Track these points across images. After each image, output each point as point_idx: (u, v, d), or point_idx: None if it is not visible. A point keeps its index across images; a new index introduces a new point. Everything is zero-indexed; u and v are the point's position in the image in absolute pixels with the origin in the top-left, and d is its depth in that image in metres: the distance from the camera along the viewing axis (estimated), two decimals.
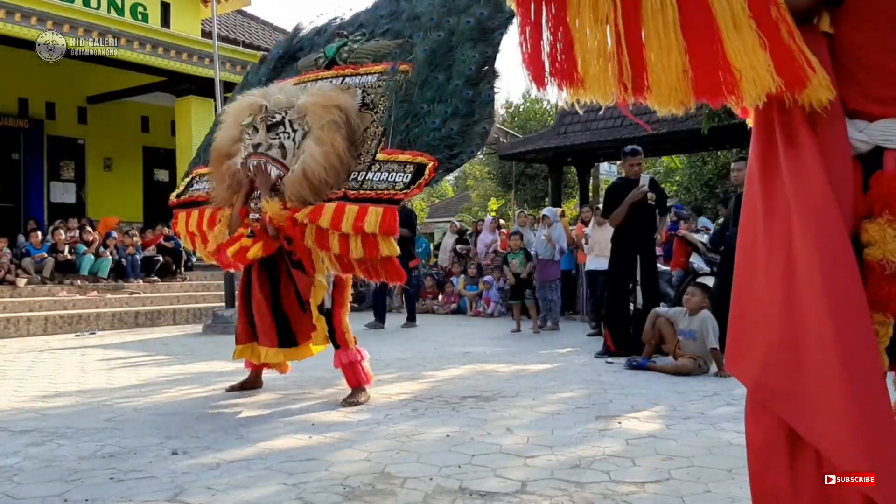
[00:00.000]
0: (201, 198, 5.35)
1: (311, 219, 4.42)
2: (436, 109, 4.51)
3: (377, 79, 4.92)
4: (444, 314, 12.45)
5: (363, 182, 4.46)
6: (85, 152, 14.33)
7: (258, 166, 4.63)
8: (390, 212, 4.26)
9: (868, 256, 1.54)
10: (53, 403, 4.82)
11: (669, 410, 4.47)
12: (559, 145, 14.97)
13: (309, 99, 4.68)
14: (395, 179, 4.36)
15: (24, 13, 10.31)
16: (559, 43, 1.78)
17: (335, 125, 4.57)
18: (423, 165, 4.34)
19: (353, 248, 4.33)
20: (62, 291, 10.53)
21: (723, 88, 1.76)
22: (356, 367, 4.87)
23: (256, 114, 4.76)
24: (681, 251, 9.05)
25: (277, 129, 4.66)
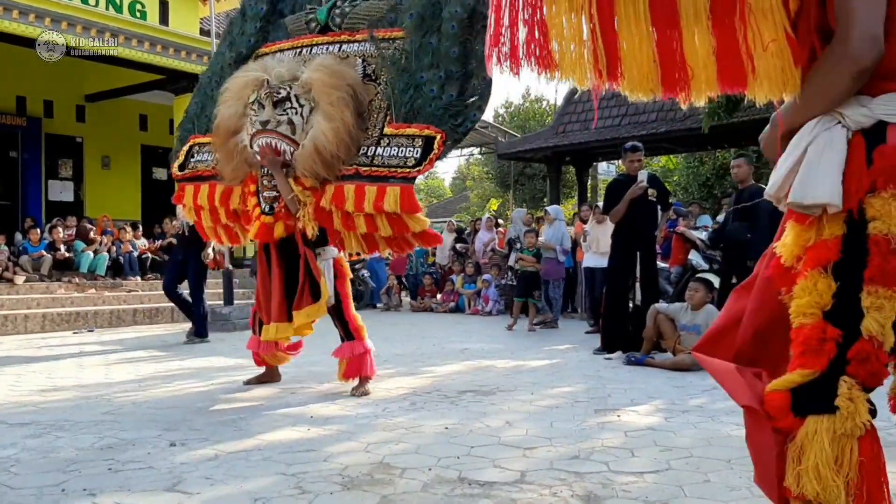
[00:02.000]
0: (206, 172, 5.31)
1: (336, 204, 4.50)
2: (431, 76, 4.48)
3: (375, 46, 4.87)
4: (443, 312, 12.44)
5: (373, 157, 4.52)
6: (83, 150, 14.30)
7: (269, 144, 4.65)
8: (407, 190, 4.35)
9: (873, 230, 1.54)
10: (51, 398, 4.80)
11: (668, 404, 4.46)
12: (558, 144, 14.98)
13: (314, 74, 4.65)
14: (405, 155, 4.42)
15: (22, 10, 10.28)
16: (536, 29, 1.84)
17: (344, 100, 4.58)
18: (431, 138, 4.39)
19: (380, 227, 4.43)
20: (60, 289, 10.51)
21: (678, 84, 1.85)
22: (364, 359, 4.89)
23: (259, 89, 4.74)
24: (679, 248, 9.06)
25: (284, 105, 4.65)
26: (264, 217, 4.77)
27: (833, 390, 1.56)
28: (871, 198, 1.55)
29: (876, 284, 1.53)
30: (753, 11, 1.77)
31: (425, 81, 4.50)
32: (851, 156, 1.59)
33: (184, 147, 5.59)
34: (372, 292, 13.61)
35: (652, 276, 6.99)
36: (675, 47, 1.82)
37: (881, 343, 1.54)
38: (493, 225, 13.54)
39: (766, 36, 1.77)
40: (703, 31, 1.78)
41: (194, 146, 5.52)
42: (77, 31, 10.82)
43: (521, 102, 31.14)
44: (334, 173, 4.56)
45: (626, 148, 7.09)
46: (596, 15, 1.77)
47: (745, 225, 6.76)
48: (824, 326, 1.57)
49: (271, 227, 4.76)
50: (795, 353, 1.61)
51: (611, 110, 14.71)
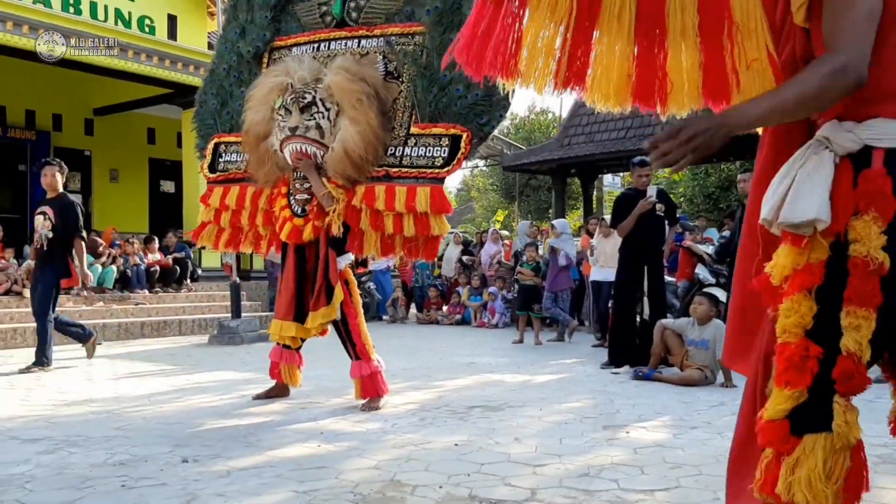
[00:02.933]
0: (237, 174, 5.42)
1: (367, 203, 4.62)
2: (457, 76, 4.56)
3: (395, 42, 4.93)
4: (449, 325, 12.45)
5: (402, 158, 4.67)
6: (91, 164, 14.41)
7: (299, 150, 4.74)
8: (438, 191, 4.50)
9: (853, 252, 1.59)
10: (62, 412, 4.83)
11: (676, 420, 4.48)
12: (563, 157, 15.02)
13: (334, 77, 4.73)
14: (433, 154, 4.57)
15: (32, 25, 10.38)
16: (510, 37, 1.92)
17: (366, 102, 4.68)
18: (457, 137, 4.54)
19: (406, 227, 4.53)
20: (68, 302, 10.55)
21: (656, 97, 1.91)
22: (376, 379, 4.93)
23: (284, 93, 4.82)
24: (686, 262, 9.07)
25: (311, 110, 4.74)
26: (296, 219, 4.86)
27: (826, 409, 1.62)
28: (854, 220, 1.60)
29: (854, 304, 1.59)
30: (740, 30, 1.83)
31: (450, 80, 4.60)
32: (838, 180, 1.64)
33: (208, 145, 5.66)
34: (378, 304, 13.64)
35: (660, 291, 7.00)
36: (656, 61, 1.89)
37: (860, 358, 1.60)
38: (498, 237, 13.57)
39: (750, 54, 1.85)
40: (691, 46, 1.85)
41: (220, 145, 5.62)
42: (87, 46, 10.91)
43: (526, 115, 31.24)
44: (364, 174, 4.70)
45: (635, 162, 7.11)
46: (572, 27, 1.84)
47: None
48: (807, 344, 1.63)
49: (301, 228, 4.85)
50: (780, 369, 1.67)
51: (616, 123, 14.75)
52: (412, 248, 4.71)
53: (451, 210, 4.62)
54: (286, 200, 4.98)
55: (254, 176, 5.21)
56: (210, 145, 5.65)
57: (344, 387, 5.41)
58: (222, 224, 5.49)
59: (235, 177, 5.45)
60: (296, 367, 5.15)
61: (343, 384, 5.46)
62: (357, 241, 4.83)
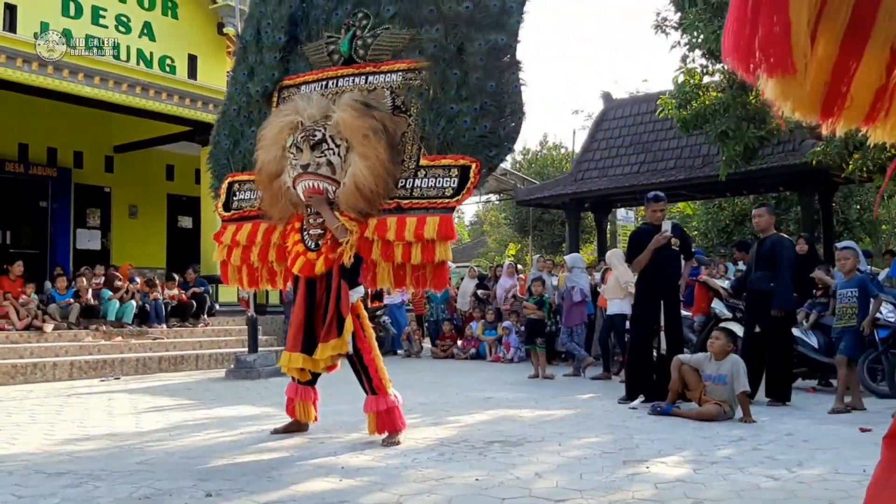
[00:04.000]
0: (252, 212, 5.51)
1: (379, 234, 4.72)
2: (464, 108, 4.70)
3: (402, 77, 5.07)
4: (464, 359, 12.43)
5: (412, 189, 4.78)
6: (111, 200, 14.61)
7: (312, 186, 4.83)
8: (446, 219, 4.59)
9: None
10: (85, 447, 4.88)
11: (696, 455, 4.47)
12: (576, 191, 15.11)
13: (342, 114, 4.84)
14: (443, 185, 4.69)
15: (56, 65, 10.65)
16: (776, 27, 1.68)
17: (374, 136, 4.78)
18: (466, 168, 4.65)
19: (413, 255, 4.62)
20: (87, 337, 10.66)
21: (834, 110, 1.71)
22: (393, 414, 4.95)
23: (294, 132, 4.93)
24: (702, 297, 9.07)
25: (322, 147, 4.84)
26: (309, 253, 4.94)
27: None
28: None
29: None
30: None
31: (457, 113, 4.72)
32: None
33: (223, 184, 5.75)
34: (393, 338, 13.66)
35: (676, 325, 7.00)
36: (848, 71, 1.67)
37: None
38: (514, 271, 13.59)
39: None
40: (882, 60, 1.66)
41: (234, 183, 5.71)
42: (109, 86, 11.16)
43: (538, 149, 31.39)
44: (376, 207, 4.80)
45: (649, 198, 7.16)
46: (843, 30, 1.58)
47: (768, 274, 6.79)
48: None
49: (313, 262, 4.92)
50: None
51: (629, 157, 14.86)
52: (420, 278, 4.77)
53: (455, 236, 4.70)
54: (299, 235, 5.06)
55: (268, 213, 5.31)
56: (224, 185, 5.74)
57: (362, 421, 5.42)
58: (233, 261, 5.52)
59: (249, 214, 5.53)
60: (310, 402, 5.20)
61: (361, 419, 5.46)
62: (370, 273, 4.91)
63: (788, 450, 4.61)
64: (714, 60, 10.14)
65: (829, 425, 5.55)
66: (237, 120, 5.75)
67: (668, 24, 10.34)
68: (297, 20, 5.54)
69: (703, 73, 10.64)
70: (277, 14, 5.53)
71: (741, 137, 10.02)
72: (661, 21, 10.40)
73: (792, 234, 12.52)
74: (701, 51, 9.90)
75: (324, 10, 5.45)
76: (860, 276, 6.53)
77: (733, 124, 10.02)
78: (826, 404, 6.50)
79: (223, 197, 5.72)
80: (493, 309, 12.81)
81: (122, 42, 13.58)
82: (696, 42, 9.78)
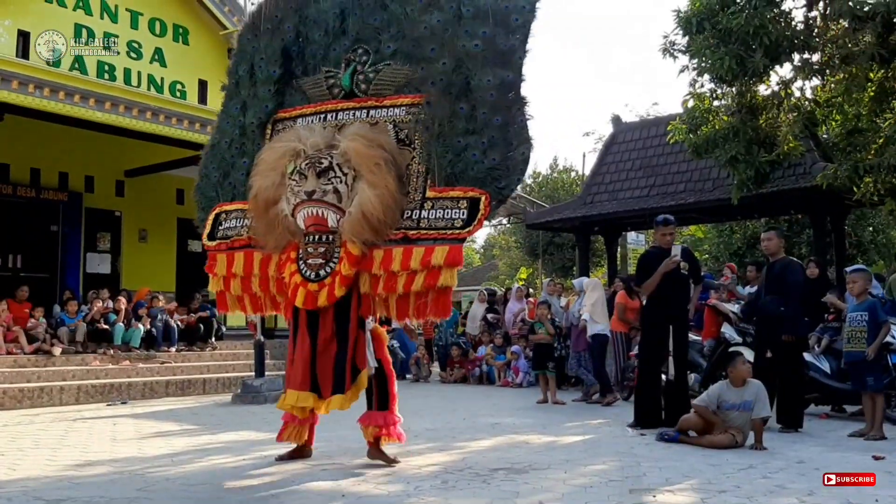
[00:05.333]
0: (240, 241, 5.33)
1: (384, 268, 4.68)
2: (472, 142, 4.71)
3: (405, 112, 5.05)
4: (474, 384, 12.33)
5: (419, 220, 4.73)
6: (121, 224, 14.66)
7: (316, 214, 4.78)
8: (456, 248, 4.56)
9: None
10: (87, 473, 4.85)
11: (704, 484, 4.38)
12: (586, 214, 15.05)
13: (352, 143, 4.80)
14: (451, 217, 4.65)
15: (68, 91, 10.73)
16: None
17: (384, 167, 4.75)
18: (476, 200, 4.63)
19: (416, 282, 4.58)
20: (95, 361, 10.65)
21: None
22: (392, 430, 4.99)
23: (296, 159, 4.87)
24: (712, 321, 8.97)
25: (328, 175, 4.79)
26: (310, 284, 4.81)
27: None
28: None
29: None
30: None
31: (465, 146, 4.73)
32: None
33: (209, 215, 5.60)
34: (401, 363, 13.58)
35: (683, 351, 6.92)
36: None
37: None
38: (523, 295, 13.53)
39: None
40: None
41: (221, 213, 5.54)
42: (120, 111, 11.25)
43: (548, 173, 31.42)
44: (382, 237, 4.74)
45: (658, 221, 7.11)
46: None
47: (778, 298, 6.70)
48: None
49: (316, 294, 4.80)
50: None
51: (639, 181, 14.80)
52: (422, 306, 4.70)
53: (461, 263, 4.66)
54: (295, 266, 4.91)
55: (260, 242, 5.16)
56: (210, 216, 5.59)
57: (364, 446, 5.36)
58: (233, 291, 5.40)
59: (237, 244, 5.35)
60: (306, 425, 5.15)
61: (363, 443, 5.41)
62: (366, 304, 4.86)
63: (799, 478, 4.51)
64: (722, 85, 10.11)
65: (840, 453, 5.44)
66: (228, 152, 5.60)
67: (676, 48, 10.32)
68: (291, 55, 5.47)
69: (712, 98, 10.61)
70: (271, 49, 5.44)
71: (752, 162, 9.96)
72: (668, 45, 10.38)
73: (803, 257, 12.42)
74: (709, 75, 9.88)
75: (321, 45, 5.40)
76: (871, 300, 6.43)
77: (743, 149, 9.96)
78: (839, 430, 6.39)
79: (208, 228, 5.57)
80: (501, 333, 12.73)
81: (133, 68, 13.72)
82: (705, 67, 9.76)
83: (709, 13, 9.57)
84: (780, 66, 9.86)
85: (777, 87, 10.25)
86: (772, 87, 10.31)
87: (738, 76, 9.47)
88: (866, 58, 8.57)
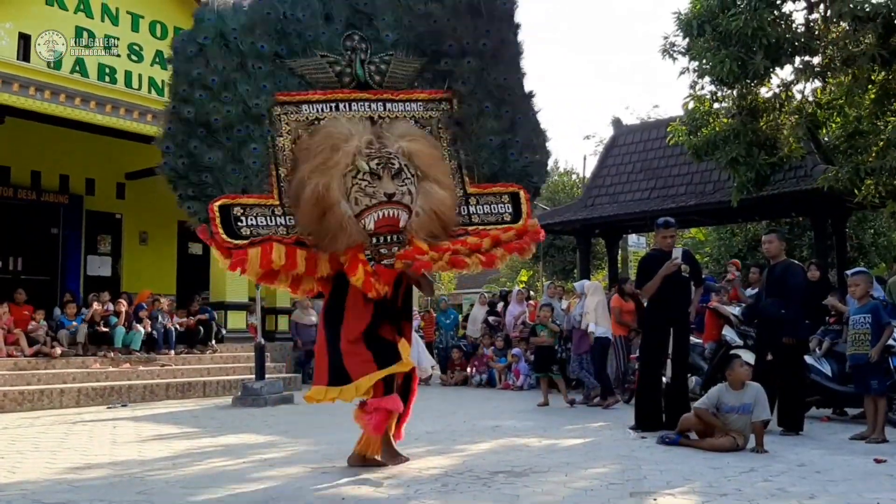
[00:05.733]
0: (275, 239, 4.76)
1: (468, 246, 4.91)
2: (508, 141, 5.08)
3: (423, 107, 5.15)
4: (475, 387, 12.31)
5: (470, 216, 5.01)
6: (122, 226, 14.65)
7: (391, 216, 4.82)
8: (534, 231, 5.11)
9: None
10: (86, 476, 4.84)
11: (705, 487, 4.36)
12: (587, 217, 15.04)
13: (413, 145, 4.90)
14: (499, 211, 5.03)
15: (69, 94, 10.74)
16: None
17: (448, 168, 5.01)
18: (516, 195, 5.04)
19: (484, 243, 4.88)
20: (95, 364, 10.64)
21: None
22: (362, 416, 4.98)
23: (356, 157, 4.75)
24: (713, 324, 8.95)
25: (402, 176, 4.85)
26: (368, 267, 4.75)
27: None
28: None
29: None
30: None
31: (502, 144, 5.07)
32: None
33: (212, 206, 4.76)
34: None
35: (684, 354, 6.90)
36: None
37: None
38: (523, 298, 13.51)
39: None
40: None
41: (235, 208, 4.76)
42: (121, 114, 11.26)
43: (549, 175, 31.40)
44: (447, 233, 4.91)
45: (659, 224, 7.10)
46: None
47: (779, 301, 6.69)
48: None
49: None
50: None
51: (640, 183, 14.81)
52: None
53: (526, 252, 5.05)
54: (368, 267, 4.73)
55: (320, 243, 4.76)
56: (215, 207, 4.76)
57: None
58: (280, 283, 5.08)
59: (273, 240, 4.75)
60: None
61: None
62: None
63: (800, 482, 4.50)
64: (723, 87, 10.10)
65: (842, 456, 5.42)
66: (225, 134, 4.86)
67: (676, 49, 10.31)
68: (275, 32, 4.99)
69: (712, 100, 10.60)
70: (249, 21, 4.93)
71: (752, 164, 9.95)
72: (668, 46, 10.38)
73: (805, 259, 12.39)
74: (710, 77, 9.87)
75: (308, 25, 5.01)
76: (873, 302, 6.42)
77: (744, 151, 9.96)
78: (840, 434, 6.37)
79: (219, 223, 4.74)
80: (501, 336, 12.72)
81: (134, 70, 13.69)
82: (705, 69, 9.76)
83: (709, 15, 9.56)
84: (781, 68, 9.86)
85: (778, 89, 10.25)
86: (773, 89, 10.31)
87: (738, 78, 9.46)
88: (867, 59, 8.57)
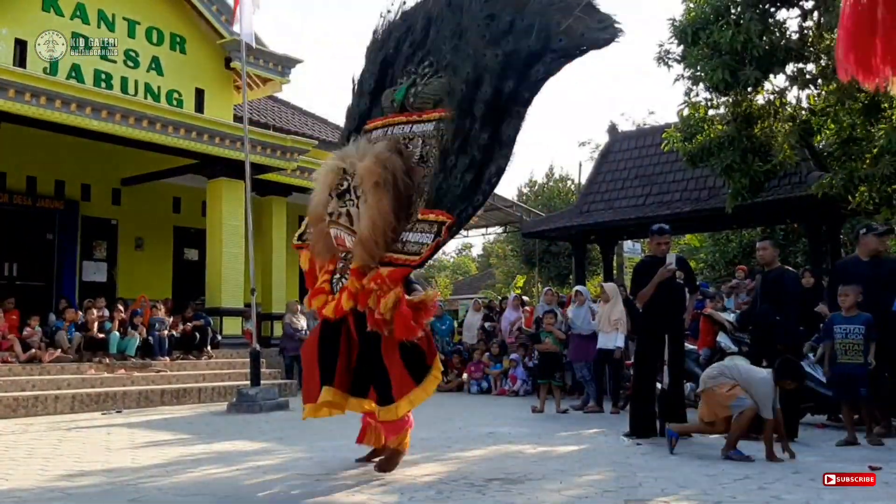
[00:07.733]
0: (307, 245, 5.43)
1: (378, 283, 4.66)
2: (459, 162, 4.66)
3: (434, 127, 5.00)
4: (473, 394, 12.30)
5: (405, 244, 4.67)
6: (117, 232, 14.65)
7: (336, 235, 4.85)
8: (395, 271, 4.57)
9: None
10: (79, 483, 4.82)
11: (700, 494, 4.37)
12: (583, 223, 15.07)
13: (360, 163, 4.81)
14: (423, 241, 4.60)
15: (65, 100, 10.73)
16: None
17: (380, 187, 4.71)
18: (441, 224, 4.57)
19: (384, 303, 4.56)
20: (90, 370, 10.62)
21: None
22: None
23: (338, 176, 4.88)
24: (707, 330, 8.98)
25: (344, 197, 4.83)
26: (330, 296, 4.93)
27: None
28: None
29: None
30: None
31: (453, 165, 4.67)
32: None
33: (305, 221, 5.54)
34: None
35: (679, 360, 6.91)
36: None
37: None
38: (519, 303, 13.51)
39: None
40: None
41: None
42: (116, 119, 11.26)
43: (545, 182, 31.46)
44: (375, 259, 4.68)
45: (653, 230, 7.11)
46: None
47: (773, 307, 6.71)
48: None
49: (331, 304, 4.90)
50: None
51: (635, 190, 14.84)
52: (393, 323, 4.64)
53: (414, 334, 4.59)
54: (328, 276, 5.03)
55: (314, 250, 5.23)
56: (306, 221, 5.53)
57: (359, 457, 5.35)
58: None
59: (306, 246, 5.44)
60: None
61: (359, 453, 5.39)
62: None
63: (795, 489, 4.50)
64: (717, 94, 10.14)
65: (837, 463, 5.42)
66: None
67: (671, 56, 10.35)
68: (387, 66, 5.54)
69: (707, 107, 10.64)
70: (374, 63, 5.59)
71: (747, 171, 9.99)
72: (663, 53, 10.42)
73: (799, 266, 12.43)
74: (704, 84, 9.92)
75: (404, 56, 5.45)
76: (865, 314, 6.39)
77: (739, 157, 10.00)
78: (835, 440, 6.37)
79: (301, 229, 5.60)
80: (497, 342, 12.71)
81: (130, 77, 13.72)
82: (699, 76, 9.80)
83: (703, 23, 9.61)
84: (774, 76, 9.91)
85: (772, 96, 10.30)
86: (767, 96, 10.35)
87: (731, 87, 9.51)
88: None
